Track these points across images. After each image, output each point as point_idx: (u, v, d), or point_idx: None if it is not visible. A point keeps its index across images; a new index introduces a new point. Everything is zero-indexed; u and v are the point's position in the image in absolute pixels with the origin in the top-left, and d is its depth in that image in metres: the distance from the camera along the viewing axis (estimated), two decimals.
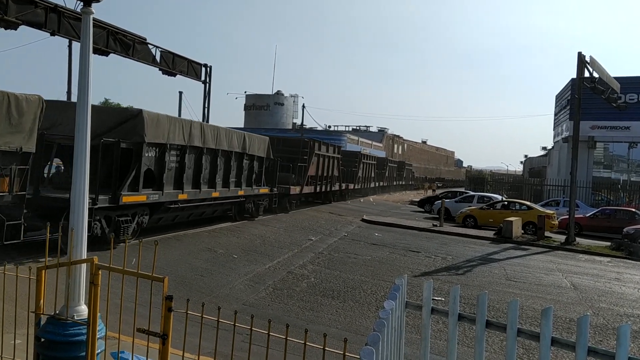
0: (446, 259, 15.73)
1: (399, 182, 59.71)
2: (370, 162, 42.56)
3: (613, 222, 25.44)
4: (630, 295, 12.41)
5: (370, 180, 43.52)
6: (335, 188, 32.49)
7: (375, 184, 45.51)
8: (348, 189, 36.21)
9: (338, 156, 32.53)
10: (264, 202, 21.86)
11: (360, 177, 39.13)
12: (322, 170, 29.17)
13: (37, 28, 15.15)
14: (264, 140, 21.65)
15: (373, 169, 44.10)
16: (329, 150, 30.31)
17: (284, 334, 4.06)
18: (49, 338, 4.57)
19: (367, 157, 41.53)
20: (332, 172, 31.34)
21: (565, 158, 37.80)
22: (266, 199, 22.01)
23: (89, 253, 4.92)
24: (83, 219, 4.77)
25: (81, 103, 4.84)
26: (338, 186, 33.07)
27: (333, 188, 32.03)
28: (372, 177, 44.01)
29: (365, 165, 40.82)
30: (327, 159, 29.93)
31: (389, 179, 52.53)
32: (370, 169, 42.82)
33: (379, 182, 46.96)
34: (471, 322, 3.86)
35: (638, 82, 37.15)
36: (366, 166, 41.16)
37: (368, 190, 43.77)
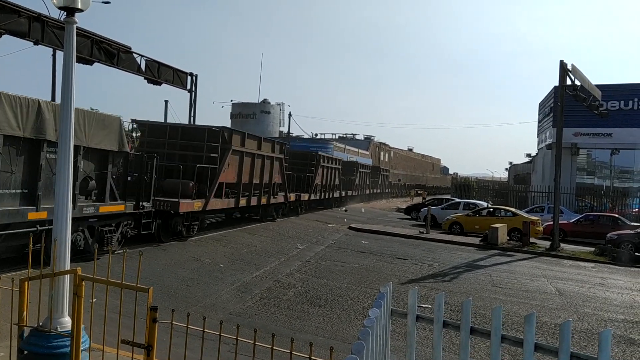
0: (433, 265, 15.79)
1: (372, 190, 52.55)
2: (332, 166, 34.44)
3: (597, 228, 25.71)
4: (614, 300, 12.54)
5: (334, 188, 35.47)
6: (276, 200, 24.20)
7: (339, 192, 37.72)
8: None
9: (280, 156, 23.92)
10: None
11: (318, 184, 31.33)
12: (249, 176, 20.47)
13: (21, 37, 15.03)
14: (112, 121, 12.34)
15: (336, 174, 36.04)
16: (274, 149, 22.93)
17: (270, 343, 4.06)
18: (32, 350, 4.53)
19: (326, 159, 32.82)
20: (272, 179, 22.94)
21: (549, 165, 38.21)
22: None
23: (72, 264, 4.88)
24: (66, 230, 4.74)
25: (64, 112, 4.81)
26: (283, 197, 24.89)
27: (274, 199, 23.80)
28: (336, 185, 36.24)
29: (327, 170, 33.02)
30: (263, 159, 21.58)
31: (359, 187, 45.76)
32: (332, 175, 34.49)
33: (345, 190, 39.76)
34: (456, 329, 3.89)
35: (619, 90, 37.78)
36: (328, 171, 33.18)
37: (332, 200, 35.95)
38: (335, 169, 35.15)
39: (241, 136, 19.59)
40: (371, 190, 51.70)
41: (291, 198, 26.35)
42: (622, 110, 37.75)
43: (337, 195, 37.12)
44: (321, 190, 32.10)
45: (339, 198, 38.22)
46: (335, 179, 35.75)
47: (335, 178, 35.68)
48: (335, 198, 36.53)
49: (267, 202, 22.93)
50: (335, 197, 36.69)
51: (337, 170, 35.78)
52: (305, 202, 29.53)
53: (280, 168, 24.28)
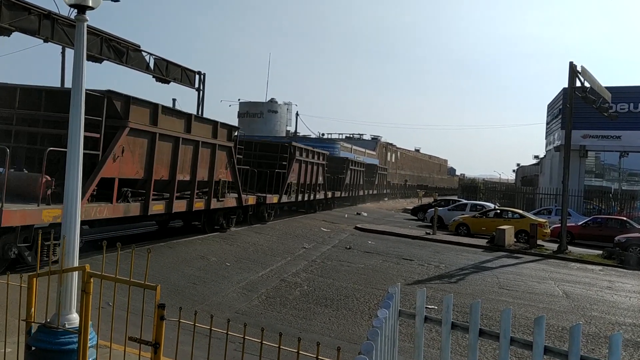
0: (439, 267, 15.74)
1: (367, 191, 45.85)
2: (313, 161, 27.95)
3: (605, 230, 25.57)
4: (622, 304, 12.46)
5: (316, 188, 28.99)
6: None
7: (324, 193, 30.99)
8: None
9: (229, 144, 17.46)
10: None
11: (293, 183, 24.71)
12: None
13: (31, 35, 15.12)
14: None
15: (319, 171, 29.56)
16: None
17: (277, 342, 4.05)
18: (40, 347, 4.54)
19: (303, 152, 26.11)
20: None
21: (557, 167, 38.03)
22: None
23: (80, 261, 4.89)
24: (75, 226, 4.75)
25: (74, 110, 4.83)
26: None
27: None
28: (319, 184, 29.91)
29: (306, 166, 26.56)
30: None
31: (351, 188, 39.04)
32: (313, 172, 28.01)
33: (332, 191, 33.15)
34: (464, 330, 3.87)
35: (629, 92, 37.52)
36: (307, 167, 26.74)
37: (315, 203, 30.46)
38: (317, 165, 28.99)
39: (151, 110, 13.10)
40: (365, 192, 45.12)
41: (249, 201, 19.59)
42: (631, 113, 37.51)
43: (321, 197, 30.91)
44: (298, 191, 25.44)
45: (324, 200, 32.13)
46: (318, 177, 29.43)
47: (318, 176, 29.37)
48: (319, 200, 30.84)
49: (207, 207, 16.44)
50: (319, 199, 30.80)
51: (320, 167, 29.64)
52: (275, 205, 23.16)
53: (229, 161, 17.42)
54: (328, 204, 33.82)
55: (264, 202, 21.47)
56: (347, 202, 39.98)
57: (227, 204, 17.76)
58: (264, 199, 21.28)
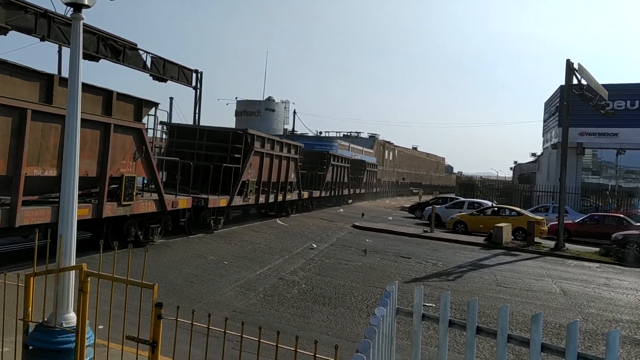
0: (437, 265, 15.76)
1: (353, 190, 41.37)
2: (283, 155, 23.54)
3: (602, 228, 25.63)
4: (619, 301, 12.49)
5: (281, 188, 23.89)
6: None
7: (297, 193, 26.56)
8: None
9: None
10: None
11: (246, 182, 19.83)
12: None
13: (27, 33, 15.07)
14: None
15: (292, 167, 25.00)
16: None
17: (275, 341, 4.05)
18: (37, 346, 4.53)
19: (260, 140, 20.86)
20: None
21: (554, 164, 38.10)
22: None
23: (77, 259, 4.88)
24: (72, 225, 4.74)
25: (71, 109, 4.81)
26: None
27: None
28: (292, 183, 25.80)
29: (275, 160, 22.31)
30: None
31: (333, 187, 34.49)
32: (282, 168, 23.49)
33: (307, 191, 28.56)
34: (462, 328, 3.88)
35: (626, 89, 37.58)
36: (275, 161, 22.40)
37: (286, 205, 25.82)
38: (288, 160, 24.12)
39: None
40: (351, 191, 40.71)
41: (179, 204, 15.59)
42: (628, 110, 37.57)
43: (294, 198, 26.00)
44: (258, 191, 20.99)
45: (298, 201, 27.27)
46: (289, 174, 24.76)
47: (289, 173, 24.70)
48: (291, 202, 25.97)
49: (96, 215, 12.65)
50: (291, 201, 25.89)
51: (291, 162, 24.82)
52: (225, 209, 18.86)
53: (140, 149, 13.48)
54: (305, 206, 29.52)
55: (205, 205, 17.02)
56: (329, 202, 36.09)
57: (139, 209, 13.38)
58: (204, 202, 16.94)
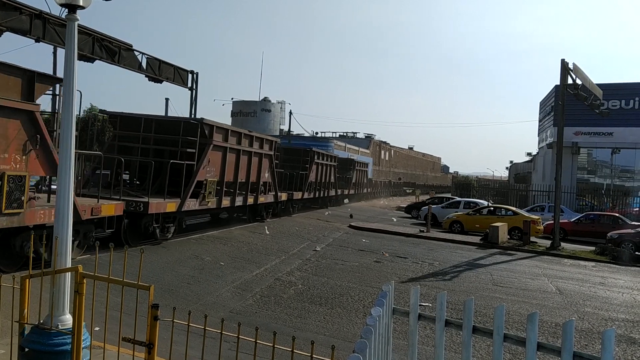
0: (433, 264, 15.78)
1: (342, 191, 38.87)
2: (255, 151, 20.18)
3: (597, 227, 25.71)
4: (615, 300, 12.54)
5: (251, 189, 20.56)
6: None
7: (269, 196, 22.76)
8: None
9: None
10: None
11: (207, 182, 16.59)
12: None
13: (22, 35, 15.02)
14: None
15: (265, 166, 21.65)
16: None
17: (271, 341, 4.05)
18: (33, 348, 4.52)
19: (226, 133, 17.73)
20: None
21: (549, 164, 38.21)
22: None
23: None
24: (67, 227, 4.73)
25: (66, 110, 4.80)
26: None
27: None
28: (267, 183, 22.49)
29: (243, 157, 19.04)
30: None
31: (318, 187, 31.41)
32: (253, 167, 20.22)
33: (286, 192, 25.52)
34: (458, 328, 3.88)
35: (620, 89, 37.76)
36: (244, 158, 19.15)
37: (258, 209, 22.37)
38: (260, 157, 20.97)
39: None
40: (339, 192, 37.34)
41: (96, 212, 11.80)
42: (623, 110, 37.75)
43: (270, 200, 22.85)
44: (220, 193, 17.58)
45: (274, 204, 24.02)
46: (263, 173, 21.30)
47: (263, 172, 21.24)
48: (266, 204, 22.94)
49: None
50: (267, 203, 22.87)
51: (265, 159, 21.59)
52: (173, 215, 15.40)
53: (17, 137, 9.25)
54: (285, 209, 26.45)
55: (146, 211, 13.48)
56: (315, 204, 33.17)
57: (35, 219, 9.86)
58: (144, 207, 13.32)
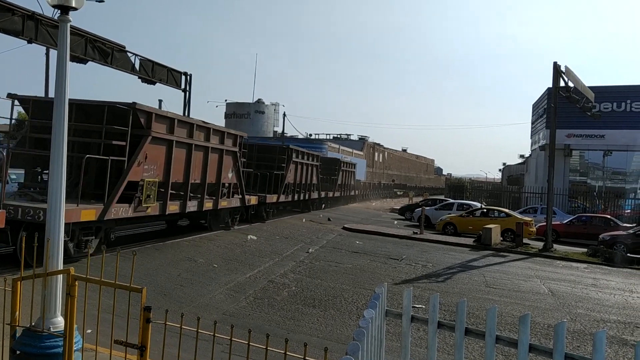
0: (426, 266, 15.81)
1: (326, 194, 35.25)
2: (215, 147, 17.04)
3: (589, 228, 25.86)
4: (607, 301, 12.60)
5: (211, 191, 17.65)
6: None
7: (234, 200, 19.29)
8: None
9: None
10: None
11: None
12: None
13: (14, 36, 14.94)
14: None
15: (229, 164, 18.45)
16: None
17: (265, 343, 4.04)
18: (25, 350, 4.50)
19: (171, 123, 14.15)
20: None
21: (542, 166, 38.42)
22: None
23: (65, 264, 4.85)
24: (59, 229, 4.71)
25: (58, 111, 4.78)
26: None
27: None
28: (232, 185, 19.15)
29: (198, 153, 15.98)
30: None
31: (297, 190, 27.99)
32: (211, 164, 16.97)
33: (256, 195, 21.87)
34: (451, 329, 3.89)
35: (612, 92, 38.02)
36: (199, 155, 16.11)
37: (215, 215, 18.72)
38: (222, 154, 17.55)
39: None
40: (322, 194, 33.59)
41: None
42: (615, 112, 38.00)
43: (235, 204, 19.34)
44: (165, 196, 14.42)
45: (241, 208, 20.53)
46: (225, 173, 17.96)
47: (225, 171, 17.90)
48: (232, 209, 19.63)
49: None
50: (232, 209, 19.50)
51: (229, 156, 18.22)
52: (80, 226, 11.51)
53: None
54: (257, 215, 22.98)
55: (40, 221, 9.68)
56: (296, 208, 30.64)
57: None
58: (43, 216, 9.52)
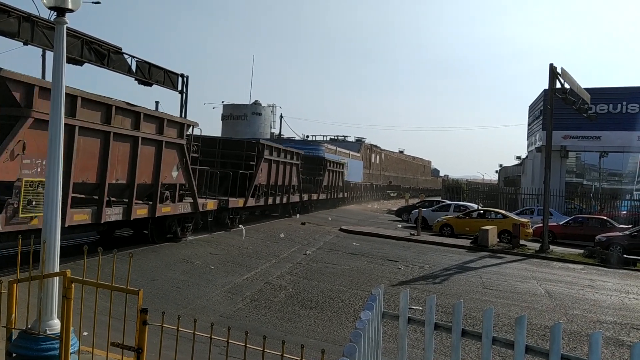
0: (423, 267, 15.82)
1: (309, 197, 30.76)
2: (150, 138, 13.41)
3: (586, 230, 25.93)
4: (603, 302, 12.64)
5: (141, 193, 13.78)
6: None
7: (177, 207, 15.27)
8: None
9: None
10: None
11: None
12: None
13: (10, 37, 14.89)
14: None
15: (170, 161, 14.61)
16: None
17: (261, 345, 4.04)
18: (21, 353, 4.48)
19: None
20: None
21: (538, 167, 38.51)
22: None
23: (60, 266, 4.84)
24: (55, 231, 4.70)
25: (54, 113, 4.78)
26: None
27: None
28: (175, 186, 15.24)
29: (121, 146, 12.32)
30: None
31: (271, 192, 23.55)
32: (142, 162, 13.17)
33: (213, 198, 18.15)
34: (447, 331, 3.90)
35: (608, 93, 38.17)
36: (122, 148, 12.34)
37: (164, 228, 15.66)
38: (160, 145, 14.00)
39: None
40: (304, 197, 29.33)
41: None
42: (610, 114, 38.13)
43: (181, 210, 15.57)
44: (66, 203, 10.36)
45: (192, 215, 16.54)
46: (164, 172, 14.24)
47: (164, 170, 14.21)
48: (178, 217, 15.75)
49: None
50: (179, 216, 15.79)
51: (167, 148, 14.23)
52: None
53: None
54: (219, 222, 19.25)
55: None
56: (275, 212, 26.78)
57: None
58: None
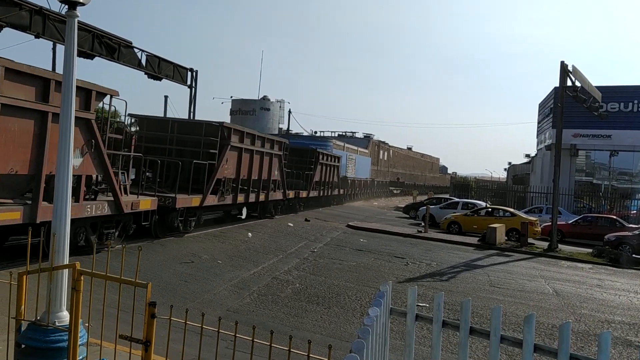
0: (431, 265, 15.79)
1: (295, 194, 27.14)
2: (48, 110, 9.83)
3: (595, 229, 25.75)
4: (612, 302, 12.56)
5: None
6: None
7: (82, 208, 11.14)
8: None
9: None
10: None
11: None
12: None
13: (22, 30, 14.99)
14: None
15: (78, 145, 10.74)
16: None
17: (269, 340, 4.05)
18: (30, 344, 4.51)
19: None
20: None
21: (548, 165, 38.24)
22: None
23: (70, 258, 4.86)
24: (65, 223, 4.72)
25: (65, 106, 4.79)
26: None
27: None
28: (95, 182, 12.27)
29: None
30: None
31: (242, 187, 19.76)
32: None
33: (166, 195, 14.95)
34: (455, 328, 3.89)
35: (619, 92, 37.77)
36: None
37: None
38: (86, 125, 10.99)
39: None
40: (289, 194, 25.88)
41: None
42: (622, 112, 37.76)
43: (92, 211, 11.53)
44: None
45: (112, 220, 12.73)
46: (87, 165, 11.21)
47: (88, 163, 11.21)
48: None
49: None
50: (79, 218, 11.23)
51: (75, 125, 6.71)
52: None
53: None
54: (167, 226, 15.57)
55: None
56: (254, 212, 22.58)
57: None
58: None
